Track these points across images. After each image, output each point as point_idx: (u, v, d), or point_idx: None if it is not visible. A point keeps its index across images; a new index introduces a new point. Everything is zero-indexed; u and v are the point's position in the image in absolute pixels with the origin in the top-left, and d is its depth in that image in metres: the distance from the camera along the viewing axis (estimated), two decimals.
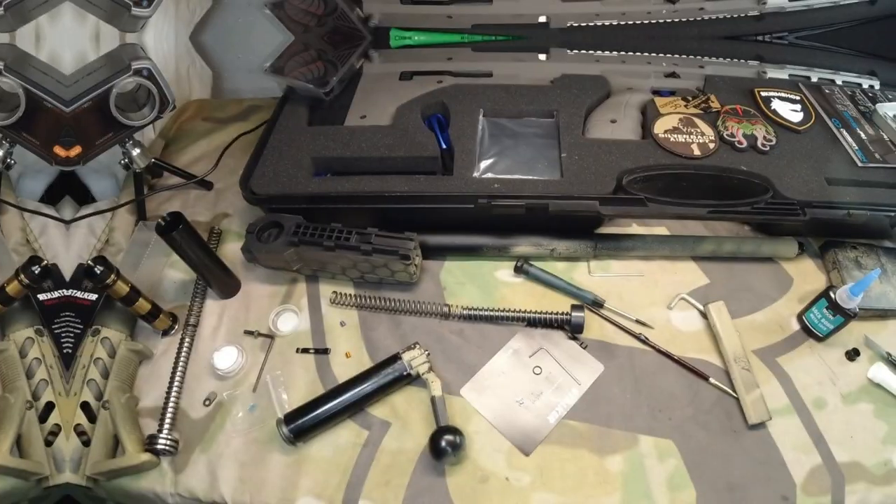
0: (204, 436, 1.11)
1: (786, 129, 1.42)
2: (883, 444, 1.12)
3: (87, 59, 1.29)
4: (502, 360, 1.20)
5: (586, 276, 1.33)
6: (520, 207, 1.23)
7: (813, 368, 1.21)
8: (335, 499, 1.04)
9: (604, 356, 1.21)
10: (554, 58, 1.59)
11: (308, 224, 1.21)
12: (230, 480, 1.06)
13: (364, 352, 1.21)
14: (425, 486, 1.05)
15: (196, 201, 1.48)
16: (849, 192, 1.30)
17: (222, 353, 1.16)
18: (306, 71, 1.45)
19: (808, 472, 1.08)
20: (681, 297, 1.29)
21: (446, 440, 1.02)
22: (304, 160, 1.30)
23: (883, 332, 1.26)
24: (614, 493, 1.05)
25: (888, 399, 1.17)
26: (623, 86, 1.52)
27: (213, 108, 1.73)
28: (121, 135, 1.22)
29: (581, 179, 1.28)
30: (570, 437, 1.11)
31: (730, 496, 1.06)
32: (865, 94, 1.56)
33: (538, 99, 1.45)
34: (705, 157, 1.33)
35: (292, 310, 1.26)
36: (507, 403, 1.15)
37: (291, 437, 1.05)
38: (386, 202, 1.25)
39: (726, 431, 1.13)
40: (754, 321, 1.28)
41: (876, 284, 1.26)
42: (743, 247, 1.34)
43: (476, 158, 1.32)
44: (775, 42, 1.70)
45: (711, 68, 1.60)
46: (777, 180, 1.30)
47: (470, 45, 1.63)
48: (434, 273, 1.32)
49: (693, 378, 1.19)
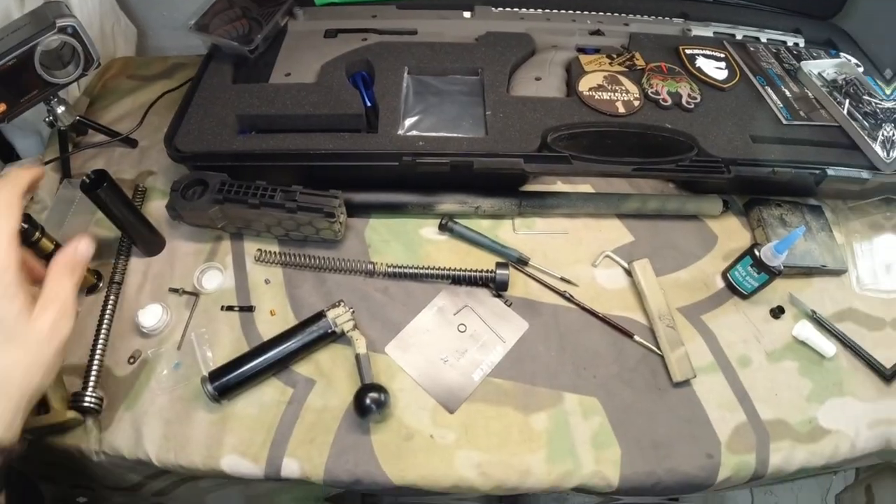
0: (129, 394, 1.10)
1: (710, 86, 1.43)
2: (808, 401, 1.15)
3: (11, 17, 1.27)
4: (427, 317, 1.21)
5: (511, 233, 1.34)
6: (444, 165, 1.23)
7: (738, 326, 1.24)
8: (260, 456, 1.04)
9: (528, 314, 1.23)
10: (479, 15, 1.58)
11: (233, 182, 1.20)
12: (155, 438, 1.05)
13: (289, 309, 1.21)
14: (350, 444, 1.06)
15: (121, 159, 1.46)
16: (773, 149, 1.32)
17: (147, 310, 1.15)
18: (231, 29, 1.43)
19: (733, 430, 1.11)
20: (605, 255, 1.31)
21: (371, 398, 1.02)
22: (228, 118, 1.29)
23: (807, 290, 1.30)
24: (539, 451, 1.07)
25: (813, 357, 1.20)
26: (548, 43, 1.52)
27: (138, 65, 1.70)
28: (46, 92, 1.20)
29: (506, 137, 1.28)
30: (495, 395, 1.13)
31: (654, 454, 1.07)
32: (790, 51, 1.58)
33: (463, 56, 1.45)
34: (630, 114, 1.34)
35: (217, 267, 1.25)
36: (431, 361, 1.16)
37: (216, 394, 1.05)
38: (311, 160, 1.25)
39: (651, 389, 1.15)
40: (679, 279, 1.30)
41: (800, 242, 1.29)
42: (668, 204, 1.36)
43: (401, 116, 1.32)
44: (700, 0, 1.71)
45: (636, 26, 1.60)
46: (702, 138, 1.32)
47: (395, 3, 1.61)
48: (359, 231, 1.32)
49: (618, 336, 1.21)
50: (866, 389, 1.18)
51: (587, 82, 1.39)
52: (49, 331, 0.77)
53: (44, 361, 0.77)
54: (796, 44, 1.64)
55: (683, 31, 1.60)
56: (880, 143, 1.31)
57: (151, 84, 1.64)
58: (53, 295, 0.79)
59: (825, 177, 1.28)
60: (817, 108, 1.41)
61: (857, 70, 1.50)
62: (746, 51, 1.55)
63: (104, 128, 1.44)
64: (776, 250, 1.15)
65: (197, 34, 1.41)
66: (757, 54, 1.55)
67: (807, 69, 1.47)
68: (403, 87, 1.37)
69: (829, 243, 1.33)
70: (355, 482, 1.04)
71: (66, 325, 0.79)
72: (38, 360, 0.76)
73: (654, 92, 1.37)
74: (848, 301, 1.29)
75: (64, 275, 0.81)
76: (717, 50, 1.53)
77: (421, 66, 1.42)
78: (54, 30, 1.13)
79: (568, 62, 1.47)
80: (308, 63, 1.41)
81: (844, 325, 1.25)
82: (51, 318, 0.77)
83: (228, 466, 1.04)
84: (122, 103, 1.59)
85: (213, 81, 1.37)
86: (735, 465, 1.07)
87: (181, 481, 1.17)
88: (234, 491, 1.23)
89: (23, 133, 1.52)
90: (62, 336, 0.79)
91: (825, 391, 1.16)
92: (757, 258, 1.19)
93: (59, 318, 0.78)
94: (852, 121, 1.35)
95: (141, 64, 1.71)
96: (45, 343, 0.77)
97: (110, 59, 1.71)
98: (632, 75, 1.42)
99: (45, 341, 0.77)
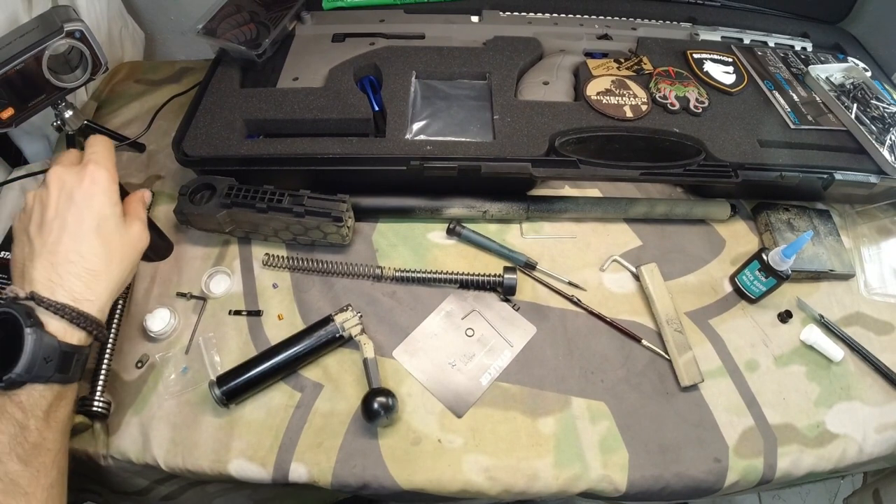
0: (136, 398, 1.10)
1: (718, 90, 1.43)
2: (815, 406, 1.15)
3: (19, 22, 1.28)
4: (435, 322, 1.21)
5: (519, 238, 1.34)
6: (452, 169, 1.23)
7: (745, 330, 1.24)
8: (268, 461, 1.04)
9: (536, 318, 1.22)
10: (486, 19, 1.58)
11: (241, 186, 1.20)
12: (163, 442, 1.05)
13: (296, 314, 1.21)
14: (358, 448, 1.06)
15: (129, 163, 1.46)
16: (781, 153, 1.32)
17: (155, 315, 1.15)
18: (239, 33, 1.43)
19: (741, 434, 1.10)
20: (613, 259, 1.31)
21: (379, 402, 1.02)
22: (236, 122, 1.29)
23: (815, 294, 1.29)
24: (547, 455, 1.07)
25: (820, 361, 1.20)
26: (556, 48, 1.52)
27: (146, 69, 1.70)
28: (54, 97, 1.20)
29: (513, 141, 1.28)
30: (503, 399, 1.12)
31: (662, 458, 1.07)
32: (798, 56, 1.58)
33: (471, 61, 1.44)
34: (637, 119, 1.34)
35: (225, 272, 1.25)
36: (439, 366, 1.16)
37: (224, 399, 1.05)
38: (318, 164, 1.24)
39: (659, 393, 1.14)
40: (687, 283, 1.29)
41: (808, 246, 1.29)
42: (675, 209, 1.36)
43: (408, 120, 1.32)
44: (707, 4, 1.71)
45: (644, 30, 1.60)
46: (709, 142, 1.31)
47: (402, 7, 1.61)
48: (366, 235, 1.32)
49: (625, 340, 1.21)
50: (874, 394, 1.17)
51: (595, 87, 1.38)
52: (138, 234, 0.98)
53: (133, 258, 0.97)
54: (804, 48, 1.64)
55: (691, 36, 1.60)
56: (888, 148, 1.31)
57: (159, 88, 1.64)
58: (136, 214, 1.00)
59: (833, 181, 1.28)
60: (825, 113, 1.41)
61: (865, 74, 1.50)
62: (754, 55, 1.55)
63: (112, 132, 1.44)
64: (784, 255, 1.15)
65: (205, 38, 1.41)
66: (765, 59, 1.55)
67: (815, 73, 1.47)
68: (411, 91, 1.36)
69: (837, 247, 1.33)
70: (363, 486, 1.03)
71: (146, 236, 1.00)
72: (130, 255, 0.96)
73: (661, 96, 1.37)
74: (856, 305, 1.29)
75: (140, 202, 1.03)
76: (724, 54, 1.53)
77: (429, 70, 1.42)
78: (62, 34, 1.13)
79: (576, 66, 1.47)
80: (316, 67, 1.41)
81: (852, 329, 1.24)
82: (139, 227, 0.98)
83: (236, 471, 1.03)
84: (129, 107, 1.59)
85: (221, 86, 1.36)
86: (743, 469, 1.07)
87: (189, 486, 1.17)
88: (242, 495, 1.23)
89: (31, 138, 1.53)
90: (144, 244, 0.99)
91: (833, 395, 1.16)
92: (765, 262, 1.18)
93: (142, 229, 0.99)
94: (860, 125, 1.35)
95: (149, 68, 1.71)
96: (136, 243, 0.98)
97: (118, 63, 1.72)
98: (640, 80, 1.42)
99: (136, 242, 0.97)
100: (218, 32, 1.42)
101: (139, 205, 1.03)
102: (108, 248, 0.91)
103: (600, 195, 1.41)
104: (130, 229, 0.96)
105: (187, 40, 1.44)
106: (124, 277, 0.94)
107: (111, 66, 1.35)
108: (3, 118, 1.13)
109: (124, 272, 0.94)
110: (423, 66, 1.42)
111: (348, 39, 1.51)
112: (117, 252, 0.92)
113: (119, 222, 0.94)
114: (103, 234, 0.90)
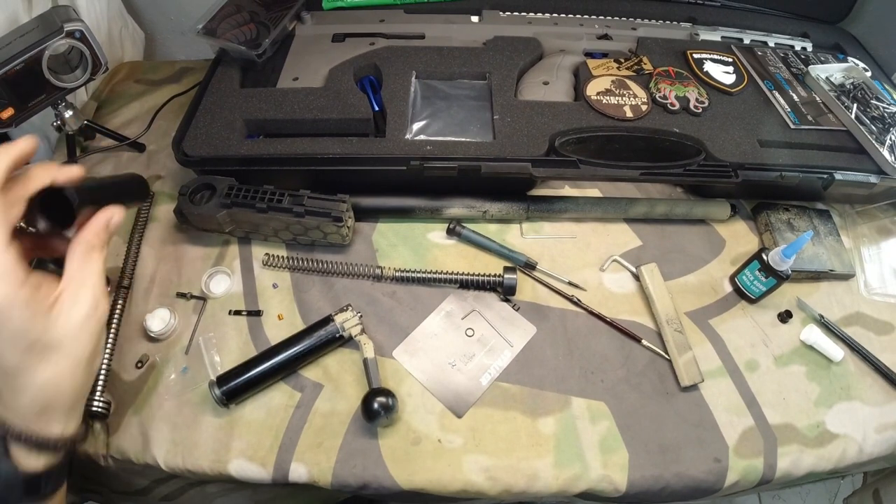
0: (136, 398, 1.10)
1: (718, 90, 1.43)
2: (815, 406, 1.15)
3: (19, 22, 1.28)
4: (435, 322, 1.21)
5: (519, 238, 1.34)
6: (452, 169, 1.23)
7: (745, 330, 1.24)
8: (268, 461, 1.04)
9: (536, 318, 1.22)
10: (486, 19, 1.58)
11: (241, 186, 1.20)
12: (163, 442, 1.05)
13: (296, 314, 1.21)
14: (358, 448, 1.06)
15: (129, 163, 1.46)
16: (781, 153, 1.32)
17: (155, 315, 1.15)
18: (238, 33, 1.43)
19: (741, 434, 1.10)
20: (613, 259, 1.31)
21: (379, 402, 1.02)
22: (236, 122, 1.29)
23: (815, 294, 1.29)
24: (547, 455, 1.07)
25: (820, 361, 1.20)
26: (555, 48, 1.52)
27: (146, 69, 1.70)
28: (53, 97, 1.21)
29: (513, 141, 1.28)
30: (503, 399, 1.12)
31: (662, 458, 1.07)
32: (798, 56, 1.58)
33: (471, 61, 1.44)
34: (637, 119, 1.34)
35: (225, 272, 1.25)
36: (439, 366, 1.15)
37: (224, 399, 1.05)
38: (318, 164, 1.24)
39: (659, 393, 1.14)
40: (687, 283, 1.29)
41: (808, 246, 1.29)
42: (675, 209, 1.36)
43: (408, 120, 1.32)
44: (707, 4, 1.71)
45: (644, 30, 1.60)
46: (709, 142, 1.31)
47: (402, 7, 1.61)
48: (366, 235, 1.32)
49: (625, 340, 1.21)
50: (874, 394, 1.17)
51: (595, 87, 1.38)
52: (80, 323, 0.72)
53: (82, 357, 0.74)
54: (804, 48, 1.64)
55: (691, 36, 1.60)
56: (888, 148, 1.31)
57: (159, 88, 1.65)
58: (81, 281, 0.74)
59: (833, 181, 1.28)
60: (825, 113, 1.41)
61: (865, 74, 1.50)
62: (754, 55, 1.55)
63: (112, 132, 1.45)
64: (784, 255, 1.15)
65: (205, 38, 1.41)
66: (765, 59, 1.55)
67: (814, 73, 1.47)
68: (411, 91, 1.36)
69: (837, 247, 1.33)
70: (363, 486, 1.03)
71: (102, 307, 0.76)
72: (76, 358, 0.73)
73: (661, 96, 1.37)
74: (856, 305, 1.29)
75: (94, 249, 0.76)
76: (724, 54, 1.53)
77: (429, 70, 1.42)
78: (62, 34, 1.14)
79: (576, 66, 1.47)
80: (316, 67, 1.41)
81: (852, 329, 1.24)
82: (82, 311, 0.73)
83: (236, 471, 1.03)
84: (129, 107, 1.59)
85: (221, 86, 1.37)
86: (743, 469, 1.07)
87: (189, 486, 1.17)
88: (242, 496, 1.23)
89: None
90: (98, 320, 0.76)
91: (833, 395, 1.16)
92: (765, 262, 1.18)
93: (91, 307, 0.74)
94: (860, 125, 1.35)
95: (149, 68, 1.71)
96: (78, 339, 0.73)
97: (118, 63, 1.72)
98: (640, 80, 1.42)
99: (76, 337, 0.73)
100: (218, 32, 1.42)
101: (87, 258, 0.76)
102: (44, 375, 0.71)
103: (600, 195, 1.41)
104: (65, 320, 0.72)
105: (187, 40, 1.44)
106: (80, 383, 0.77)
107: (111, 66, 1.35)
108: (3, 118, 1.14)
109: (77, 380, 0.75)
110: (423, 66, 1.42)
111: (348, 39, 1.51)
112: (58, 371, 0.72)
113: (36, 326, 0.69)
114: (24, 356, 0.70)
